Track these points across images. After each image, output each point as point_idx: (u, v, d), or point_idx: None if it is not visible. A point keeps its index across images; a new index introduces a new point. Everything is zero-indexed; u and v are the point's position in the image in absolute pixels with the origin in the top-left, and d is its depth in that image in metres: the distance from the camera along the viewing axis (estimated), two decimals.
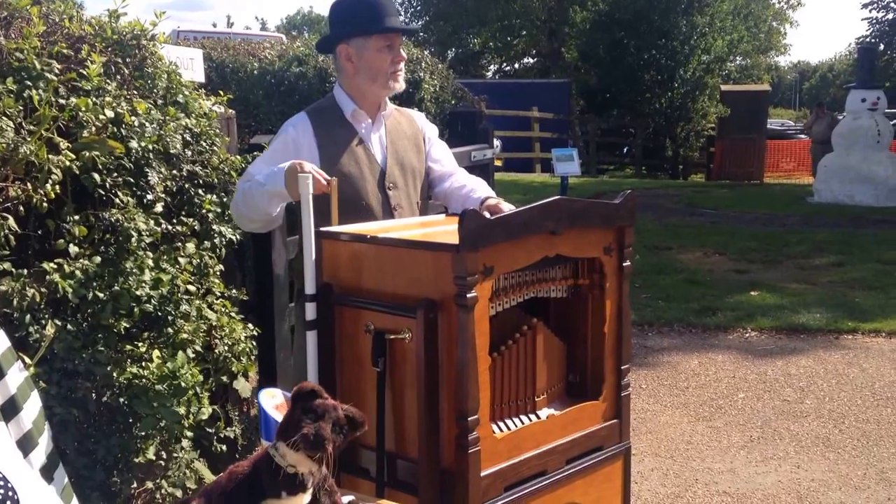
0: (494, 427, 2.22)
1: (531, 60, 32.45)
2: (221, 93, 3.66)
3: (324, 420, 1.68)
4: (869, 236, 10.72)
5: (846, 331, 6.60)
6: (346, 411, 1.72)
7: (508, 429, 2.26)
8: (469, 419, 2.08)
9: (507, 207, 2.59)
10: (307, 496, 1.74)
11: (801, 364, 5.89)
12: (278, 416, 1.98)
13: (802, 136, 22.08)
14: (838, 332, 6.60)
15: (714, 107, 21.85)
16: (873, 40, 25.79)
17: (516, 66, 33.09)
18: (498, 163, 16.43)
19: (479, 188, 2.82)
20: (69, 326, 2.44)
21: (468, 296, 2.04)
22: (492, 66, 33.74)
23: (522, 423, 2.30)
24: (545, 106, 20.32)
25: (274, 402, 2.06)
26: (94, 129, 2.63)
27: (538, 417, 2.34)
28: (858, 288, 8.00)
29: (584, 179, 17.72)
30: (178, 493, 2.80)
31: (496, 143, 13.61)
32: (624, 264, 2.48)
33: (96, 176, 2.59)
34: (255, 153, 3.45)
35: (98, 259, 2.55)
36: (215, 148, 3.23)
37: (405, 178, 2.81)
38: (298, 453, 1.68)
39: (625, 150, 23.85)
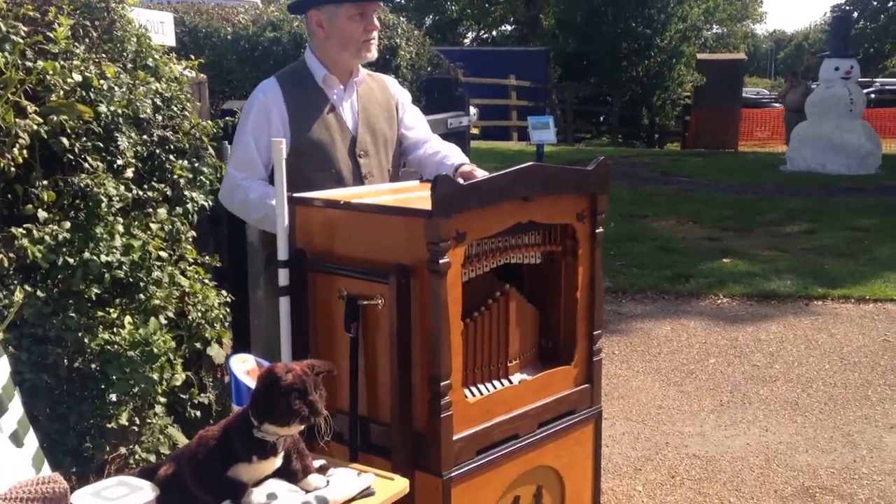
0: (467, 392, 2.25)
1: (509, 28, 32.28)
2: (193, 57, 3.61)
3: (309, 393, 1.70)
4: (840, 204, 10.84)
5: (816, 297, 6.70)
6: (315, 369, 1.74)
7: (481, 393, 2.28)
8: (441, 384, 2.09)
9: (481, 174, 2.59)
10: (278, 460, 1.76)
11: (772, 330, 5.97)
12: (250, 382, 1.98)
13: (777, 104, 22.20)
14: (808, 298, 6.69)
15: (690, 75, 21.90)
16: (848, 7, 25.87)
17: (494, 33, 32.90)
18: (475, 130, 16.40)
19: (453, 155, 2.81)
20: (39, 292, 2.42)
21: (441, 262, 2.04)
22: (469, 34, 33.52)
23: (495, 387, 2.33)
24: (523, 74, 20.23)
25: (245, 367, 2.06)
26: (62, 92, 2.58)
27: (510, 382, 2.37)
28: (829, 255, 8.11)
29: (561, 148, 17.73)
30: (152, 459, 2.80)
31: (473, 110, 13.57)
32: (597, 231, 2.50)
33: (65, 140, 2.55)
34: (228, 118, 3.41)
35: (67, 224, 2.52)
36: (186, 113, 3.19)
37: (376, 145, 2.79)
38: (289, 427, 1.71)
39: (601, 118, 23.87)
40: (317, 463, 1.90)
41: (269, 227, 2.67)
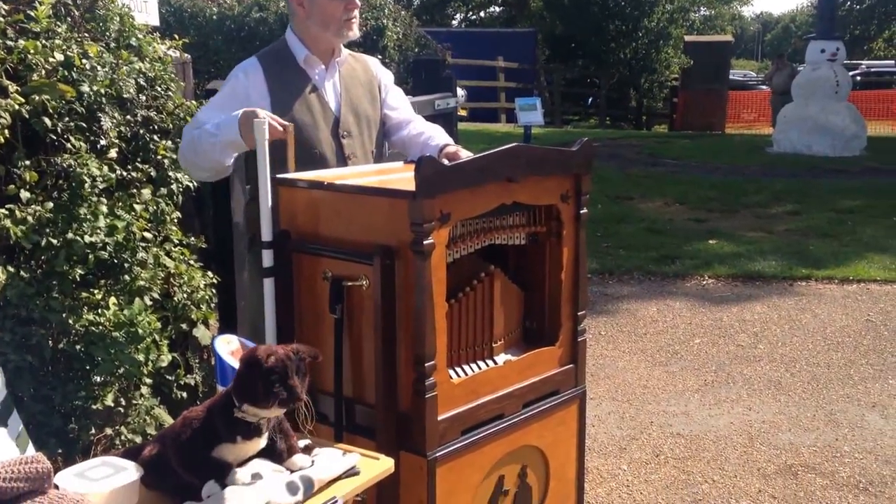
0: (452, 372, 2.25)
1: (497, 9, 32.10)
2: (177, 37, 3.59)
3: (289, 377, 1.70)
4: (825, 186, 10.89)
5: (800, 278, 6.74)
6: (300, 353, 1.74)
7: (466, 374, 2.29)
8: (426, 365, 2.10)
9: (466, 155, 2.58)
10: (263, 440, 1.76)
11: (756, 310, 6.01)
12: (234, 363, 1.99)
13: (763, 86, 22.21)
14: (792, 279, 6.74)
15: (677, 57, 21.88)
16: None
17: (482, 14, 32.71)
18: (463, 112, 16.34)
19: (437, 135, 2.80)
20: (22, 273, 2.41)
21: (425, 242, 2.05)
22: (457, 15, 33.33)
23: (479, 368, 2.34)
24: (511, 55, 20.15)
25: (230, 348, 2.06)
26: (43, 72, 2.57)
27: (495, 363, 2.37)
28: (813, 236, 8.16)
29: (549, 130, 17.72)
30: (139, 440, 2.80)
31: (461, 92, 13.51)
32: (581, 212, 2.50)
33: (47, 120, 2.54)
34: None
35: (50, 205, 2.51)
36: (170, 93, 3.18)
37: (359, 126, 2.77)
38: (269, 409, 1.71)
39: (589, 100, 23.83)
40: (302, 443, 1.91)
41: (217, 151, 2.53)
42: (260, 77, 2.65)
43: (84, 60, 2.70)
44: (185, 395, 3.17)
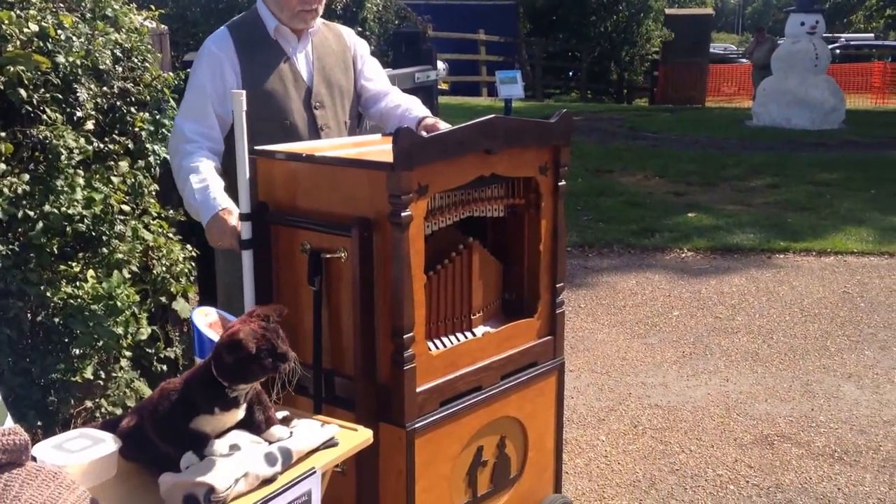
0: (430, 344, 2.27)
1: None
2: (153, 8, 3.55)
3: (275, 347, 1.71)
4: (803, 159, 10.95)
5: (778, 250, 6.80)
6: (270, 319, 1.75)
7: (444, 346, 2.31)
8: (404, 336, 2.11)
9: (444, 127, 2.58)
10: (241, 412, 1.77)
11: (734, 282, 6.07)
12: (211, 334, 1.99)
13: (744, 60, 22.26)
14: (770, 251, 6.79)
15: (658, 30, 21.87)
16: None
17: None
18: (444, 86, 16.26)
19: (415, 107, 2.78)
20: None
21: (402, 214, 2.05)
22: None
23: (458, 340, 2.35)
24: (492, 28, 20.04)
25: (207, 320, 2.06)
26: (18, 43, 2.53)
27: (474, 335, 2.39)
28: (791, 209, 8.22)
29: (530, 103, 17.69)
30: (119, 412, 2.80)
31: (442, 65, 13.44)
32: (559, 184, 2.51)
33: (22, 91, 2.51)
34: (189, 70, 3.36)
35: (27, 177, 2.49)
36: (147, 64, 3.14)
37: (332, 96, 2.74)
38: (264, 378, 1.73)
39: (571, 74, 23.79)
40: (280, 414, 1.92)
41: (189, 210, 2.55)
42: (230, 47, 2.61)
43: (59, 31, 2.66)
44: (165, 368, 3.17)
